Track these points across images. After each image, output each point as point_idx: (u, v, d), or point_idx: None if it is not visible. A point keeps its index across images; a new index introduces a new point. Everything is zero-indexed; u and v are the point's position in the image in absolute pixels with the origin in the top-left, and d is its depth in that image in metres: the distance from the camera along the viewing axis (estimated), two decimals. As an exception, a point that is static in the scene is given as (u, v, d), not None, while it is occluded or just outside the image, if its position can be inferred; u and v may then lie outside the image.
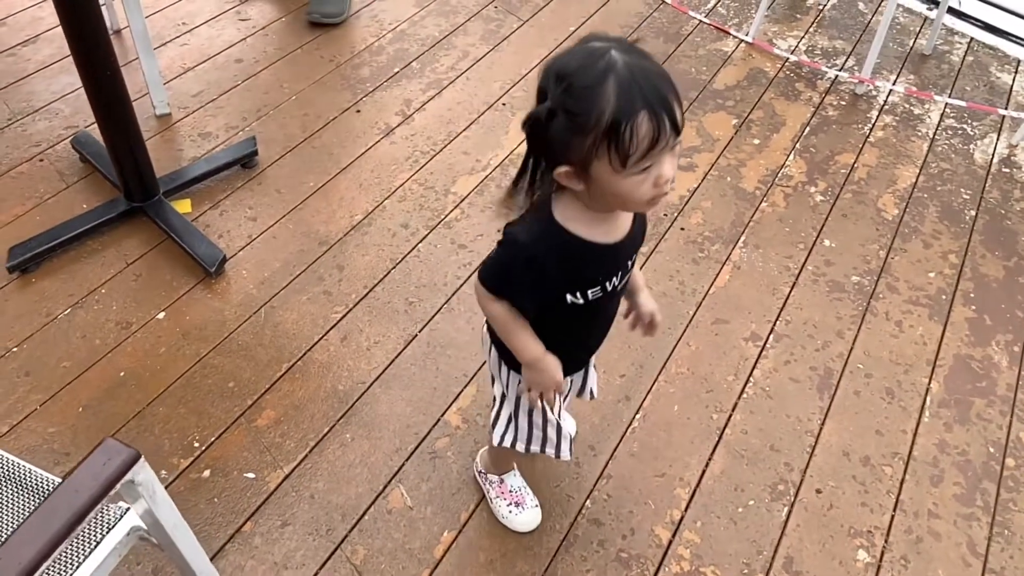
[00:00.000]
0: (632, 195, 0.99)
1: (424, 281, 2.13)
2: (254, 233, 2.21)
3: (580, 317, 1.18)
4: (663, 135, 0.93)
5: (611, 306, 1.25)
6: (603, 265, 1.13)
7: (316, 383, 1.86)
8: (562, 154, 0.98)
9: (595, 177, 0.98)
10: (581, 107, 0.93)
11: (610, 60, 0.93)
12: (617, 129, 0.92)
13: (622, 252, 1.15)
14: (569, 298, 1.13)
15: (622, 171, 0.95)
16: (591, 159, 0.96)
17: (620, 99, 0.91)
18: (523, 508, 1.63)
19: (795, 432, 1.86)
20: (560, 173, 1.01)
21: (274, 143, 2.50)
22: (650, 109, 0.92)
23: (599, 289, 1.14)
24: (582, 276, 1.12)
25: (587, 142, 0.94)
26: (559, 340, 1.23)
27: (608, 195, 1.01)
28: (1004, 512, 1.76)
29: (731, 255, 2.29)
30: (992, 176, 2.64)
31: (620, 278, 1.17)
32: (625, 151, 0.93)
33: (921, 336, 2.10)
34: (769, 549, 1.65)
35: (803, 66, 3.02)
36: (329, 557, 1.57)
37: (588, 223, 1.08)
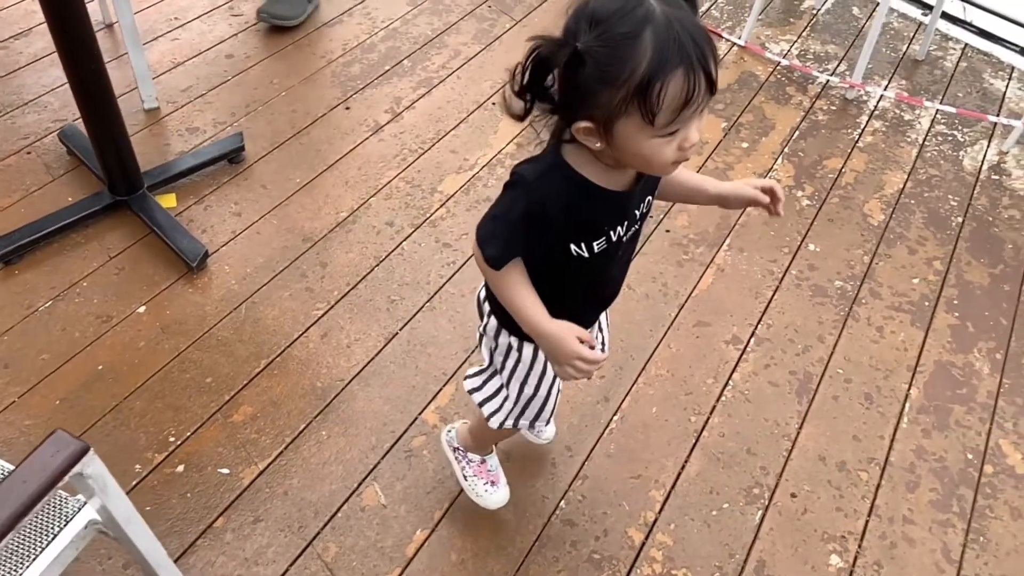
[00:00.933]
0: (655, 157, 0.94)
1: (407, 279, 2.13)
2: (238, 229, 2.21)
3: (585, 274, 1.12)
4: (697, 94, 0.88)
5: (618, 262, 1.18)
6: (611, 212, 1.07)
7: (294, 380, 1.86)
8: (583, 107, 0.91)
9: (617, 135, 0.92)
10: (614, 58, 0.86)
11: (649, 8, 0.86)
12: (651, 85, 0.85)
13: (632, 200, 1.08)
14: (573, 249, 1.06)
15: (650, 131, 0.89)
16: (617, 116, 0.89)
17: (657, 52, 0.85)
18: (497, 487, 1.62)
19: (772, 436, 1.86)
20: (579, 128, 0.94)
21: (262, 139, 2.50)
22: (688, 65, 0.86)
23: (604, 240, 1.08)
24: (588, 222, 1.06)
25: (616, 96, 0.87)
26: (562, 300, 1.15)
27: (628, 155, 0.95)
28: (980, 519, 1.76)
29: (715, 258, 2.29)
30: (981, 183, 2.63)
31: (626, 228, 1.10)
32: (655, 109, 0.87)
33: (902, 342, 2.10)
34: (742, 552, 1.65)
35: (795, 70, 3.02)
36: (300, 554, 1.57)
37: (598, 169, 1.02)
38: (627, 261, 1.23)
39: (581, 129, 0.94)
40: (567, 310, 1.14)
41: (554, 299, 1.13)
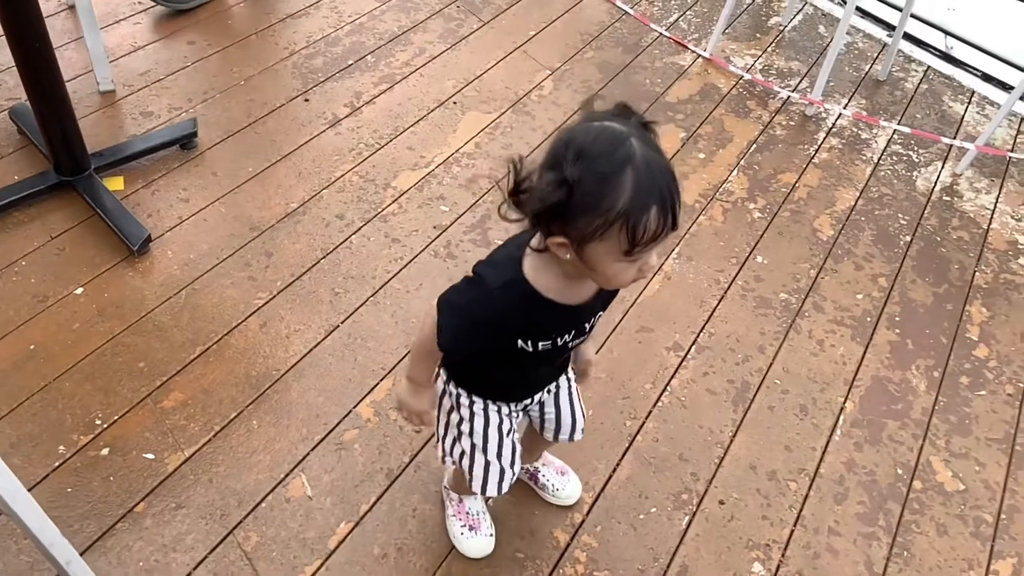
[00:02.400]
0: (617, 277, 1.01)
1: (353, 273, 2.12)
2: (185, 214, 2.19)
3: (527, 362, 1.19)
4: (665, 231, 0.96)
5: (557, 361, 1.28)
6: (562, 323, 1.15)
7: (229, 368, 1.84)
8: (562, 226, 0.98)
9: (587, 255, 0.99)
10: (597, 191, 0.93)
11: (630, 150, 0.93)
12: (628, 222, 0.93)
13: (584, 313, 1.16)
14: (519, 343, 1.15)
15: (619, 256, 0.96)
16: (591, 239, 0.96)
17: (636, 193, 0.92)
18: (476, 533, 1.59)
19: (705, 443, 1.87)
20: (554, 242, 1.00)
21: (216, 126, 2.48)
22: (661, 206, 0.93)
23: (550, 344, 1.16)
24: (539, 330, 1.14)
25: (593, 224, 0.94)
26: (502, 374, 1.27)
27: (594, 272, 1.02)
28: (906, 533, 1.78)
29: (663, 265, 2.30)
30: (932, 204, 2.67)
31: (574, 336, 1.19)
32: (633, 240, 0.94)
33: (842, 356, 2.12)
34: (665, 557, 1.66)
35: (757, 85, 3.05)
36: (220, 542, 1.55)
37: (556, 282, 1.09)
38: (566, 360, 1.34)
39: (556, 243, 1.00)
40: (496, 384, 1.29)
41: (487, 373, 1.27)
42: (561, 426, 1.46)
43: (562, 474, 1.71)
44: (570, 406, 1.45)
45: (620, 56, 3.06)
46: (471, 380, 1.31)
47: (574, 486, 1.71)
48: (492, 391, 1.32)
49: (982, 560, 1.75)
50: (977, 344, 2.21)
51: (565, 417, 1.46)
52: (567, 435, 1.48)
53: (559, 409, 1.45)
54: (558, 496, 1.69)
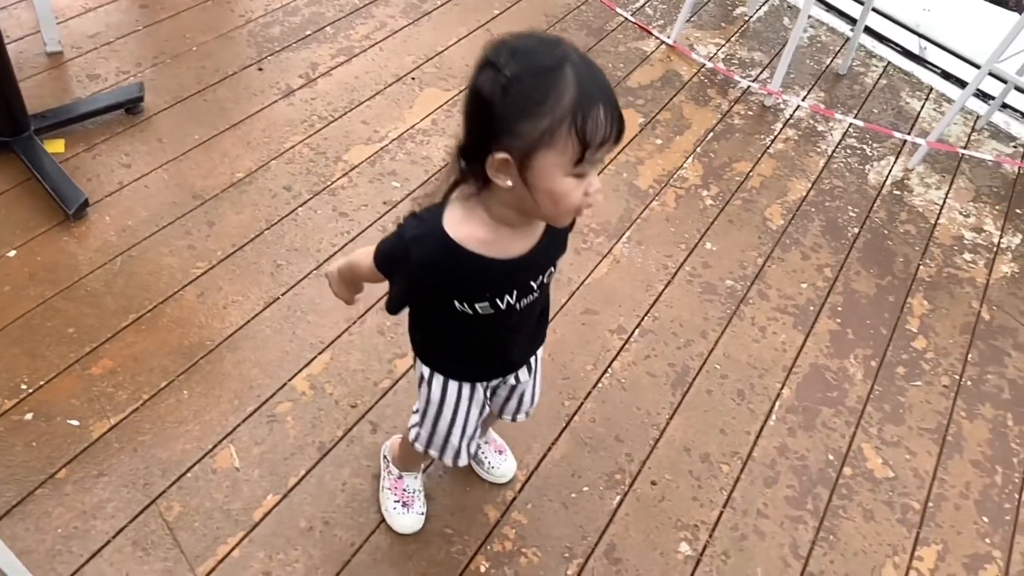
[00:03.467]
0: (564, 198, 0.94)
1: (297, 245, 2.09)
2: (125, 180, 2.14)
3: (475, 326, 1.12)
4: (612, 135, 0.91)
5: (513, 323, 1.16)
6: (496, 281, 1.07)
7: (161, 337, 1.81)
8: (502, 137, 0.91)
9: (534, 170, 0.91)
10: (540, 87, 0.88)
11: (565, 50, 0.90)
12: (578, 115, 0.88)
13: (524, 268, 1.07)
14: (457, 304, 1.09)
15: (568, 166, 0.90)
16: (538, 148, 0.89)
17: (581, 87, 0.88)
18: (408, 510, 1.57)
19: (642, 425, 1.88)
20: (495, 160, 0.92)
21: (165, 92, 2.43)
22: (606, 104, 0.90)
23: (489, 305, 1.08)
24: (465, 288, 1.07)
25: (539, 127, 0.88)
26: (458, 343, 1.20)
27: (540, 195, 0.94)
28: (833, 518, 1.80)
29: (613, 249, 2.30)
30: (882, 197, 2.70)
31: (517, 297, 1.10)
32: (585, 140, 0.89)
33: (782, 343, 2.14)
34: (594, 535, 1.66)
35: (718, 73, 3.06)
36: (142, 511, 1.53)
37: (482, 232, 1.01)
38: (526, 321, 1.21)
39: (497, 162, 0.92)
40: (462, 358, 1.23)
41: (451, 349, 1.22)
42: (520, 406, 1.42)
43: (500, 452, 1.71)
44: (532, 388, 1.40)
45: (584, 39, 3.05)
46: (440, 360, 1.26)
47: (509, 465, 1.70)
48: (460, 369, 1.26)
49: (907, 546, 1.78)
50: (916, 336, 2.25)
51: (526, 397, 1.41)
52: (512, 414, 1.44)
53: (521, 390, 1.39)
54: (492, 473, 1.69)
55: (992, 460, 1.99)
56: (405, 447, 1.51)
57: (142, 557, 1.47)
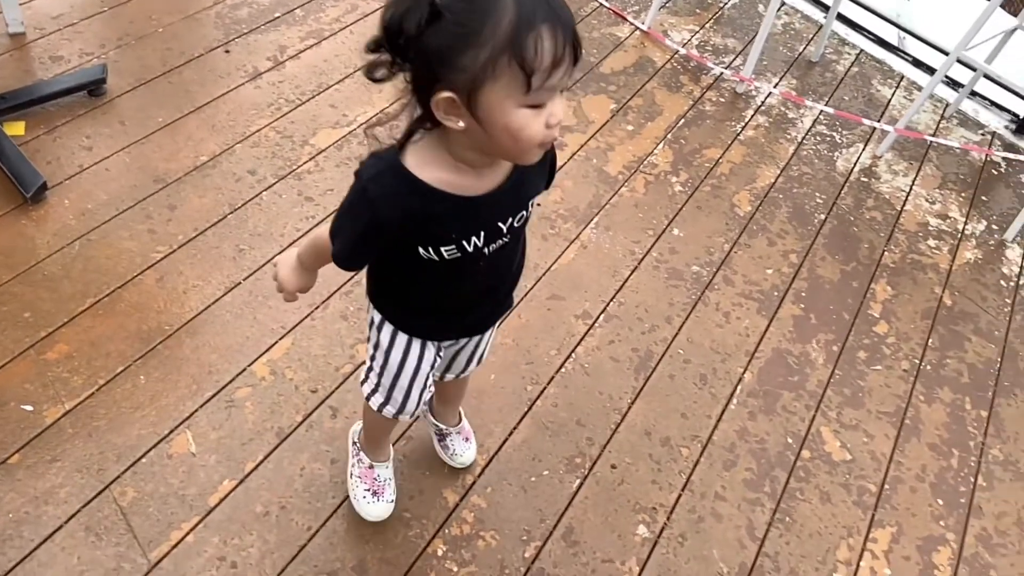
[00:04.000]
0: (523, 132, 0.86)
1: (260, 230, 2.08)
2: (86, 163, 2.12)
3: (442, 275, 1.05)
4: (564, 55, 0.82)
5: (486, 272, 1.10)
6: (459, 219, 0.99)
7: (119, 321, 1.80)
8: (443, 75, 0.83)
9: (483, 105, 0.84)
10: (475, 10, 0.79)
11: None
12: (520, 40, 0.79)
13: (492, 207, 1.00)
14: (422, 252, 1.01)
15: (519, 97, 0.83)
16: (483, 80, 0.82)
17: (521, 6, 0.79)
18: (379, 499, 1.54)
19: (604, 409, 1.89)
20: (439, 100, 0.85)
21: (129, 74, 2.40)
22: (554, 22, 0.81)
23: (455, 248, 1.01)
24: (430, 229, 0.99)
25: (481, 56, 0.80)
26: (424, 295, 1.13)
27: (496, 130, 0.86)
28: (790, 500, 1.82)
29: (581, 235, 2.30)
30: (850, 184, 2.71)
31: (485, 240, 1.03)
32: (530, 67, 0.80)
33: (746, 328, 2.15)
34: (552, 518, 1.67)
35: (691, 60, 3.05)
36: (95, 496, 1.52)
37: (446, 170, 0.95)
38: (498, 274, 1.15)
39: (442, 101, 0.85)
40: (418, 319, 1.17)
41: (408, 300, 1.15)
42: (469, 365, 1.39)
43: (466, 440, 1.70)
44: (481, 352, 1.38)
45: (555, 24, 3.03)
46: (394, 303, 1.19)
47: (473, 451, 1.70)
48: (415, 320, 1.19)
49: (862, 528, 1.80)
50: (878, 321, 2.27)
51: (472, 362, 1.39)
52: (456, 374, 1.42)
53: (471, 354, 1.36)
54: (455, 460, 1.68)
55: (949, 444, 2.01)
56: (366, 422, 1.51)
57: (94, 542, 1.46)
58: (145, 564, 1.45)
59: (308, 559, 1.52)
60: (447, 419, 1.65)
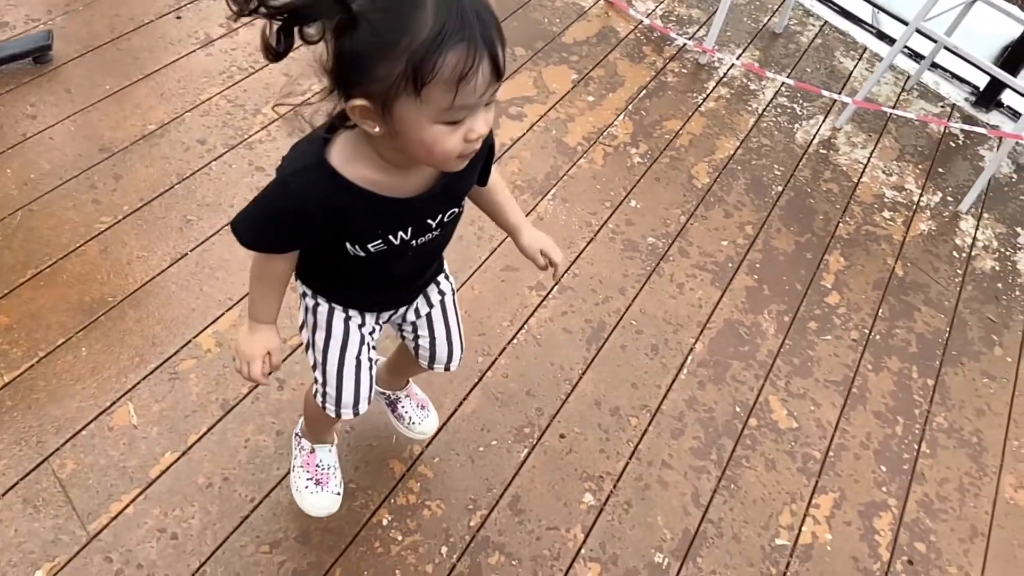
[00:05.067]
0: (436, 146, 0.85)
1: (209, 200, 2.05)
2: (30, 132, 2.07)
3: (369, 265, 1.04)
4: (477, 74, 0.80)
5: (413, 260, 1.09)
6: (385, 218, 0.98)
7: (61, 293, 1.77)
8: (359, 82, 0.81)
9: (397, 117, 0.82)
10: (393, 22, 0.77)
11: None
12: (433, 59, 0.77)
13: (421, 206, 0.99)
14: (348, 247, 0.99)
15: (429, 113, 0.81)
16: (396, 93, 0.80)
17: (439, 22, 0.77)
18: (322, 489, 1.44)
19: (555, 380, 1.90)
20: (354, 108, 0.83)
21: (76, 40, 2.34)
22: (471, 41, 0.79)
23: (382, 243, 1.00)
24: (355, 227, 0.97)
25: (395, 70, 0.78)
26: (347, 280, 1.11)
27: (410, 143, 0.85)
28: (736, 467, 1.84)
29: (537, 206, 2.29)
30: (808, 156, 2.72)
31: (412, 234, 1.01)
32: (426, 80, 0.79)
33: (699, 299, 2.17)
34: (500, 487, 1.68)
35: (655, 31, 3.03)
36: (33, 469, 1.51)
37: (372, 170, 0.92)
38: (428, 257, 1.14)
39: (357, 108, 0.84)
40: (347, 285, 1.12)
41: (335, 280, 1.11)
42: (436, 354, 1.34)
43: (422, 408, 1.65)
44: (446, 333, 1.32)
45: (518, -8, 2.99)
46: (322, 281, 1.16)
47: (431, 422, 1.64)
48: (344, 294, 1.16)
49: (805, 494, 1.83)
50: (830, 292, 2.29)
51: (440, 344, 1.33)
52: (443, 364, 1.36)
53: (433, 335, 1.31)
54: (413, 429, 1.63)
55: (894, 411, 2.04)
56: (306, 408, 1.43)
57: (32, 514, 1.45)
58: (84, 536, 1.45)
59: (251, 529, 1.51)
60: (392, 384, 1.60)
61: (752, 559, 1.70)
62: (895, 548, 1.78)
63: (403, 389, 1.62)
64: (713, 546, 1.70)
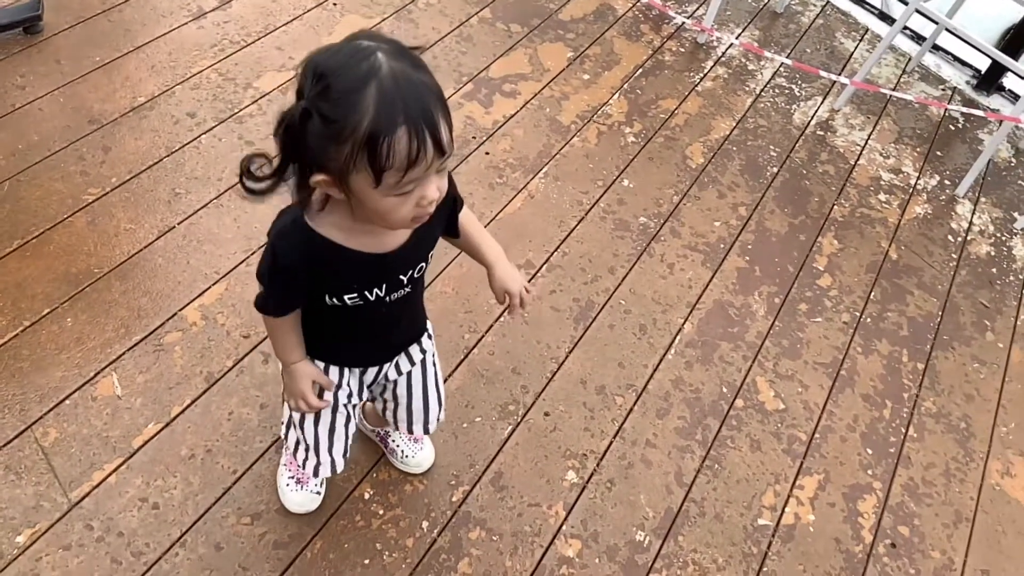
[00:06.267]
0: (391, 214, 0.93)
1: (198, 174, 2.04)
2: (19, 102, 2.06)
3: (344, 317, 1.11)
4: (423, 155, 0.87)
5: (383, 314, 1.14)
6: (360, 274, 1.05)
7: (47, 263, 1.77)
8: (318, 161, 0.89)
9: (354, 191, 0.90)
10: (337, 113, 0.85)
11: (374, 64, 0.85)
12: (374, 144, 0.84)
13: (394, 265, 1.06)
14: (327, 299, 1.07)
15: (384, 189, 0.89)
16: (349, 171, 0.88)
17: (380, 110, 0.84)
18: (303, 488, 1.50)
19: (541, 358, 1.89)
20: (317, 181, 0.91)
21: (67, 11, 2.32)
22: (411, 125, 0.85)
23: (358, 297, 1.07)
24: (333, 281, 1.05)
25: (344, 151, 0.86)
26: (332, 333, 1.18)
27: (367, 210, 0.93)
28: (720, 447, 1.84)
29: (529, 184, 2.28)
30: (805, 137, 2.70)
31: (387, 290, 1.09)
32: (380, 168, 0.86)
33: (689, 280, 2.16)
34: (482, 463, 1.69)
35: (653, 8, 3.00)
36: (16, 436, 1.52)
37: (349, 228, 1.00)
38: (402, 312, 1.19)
39: (320, 181, 0.91)
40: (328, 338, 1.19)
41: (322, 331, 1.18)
42: (413, 414, 1.37)
43: (415, 441, 1.62)
44: (423, 392, 1.35)
45: (516, -32, 2.96)
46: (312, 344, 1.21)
47: (426, 454, 1.62)
48: (327, 347, 1.21)
49: (789, 475, 1.83)
50: (822, 274, 2.27)
51: (416, 404, 1.35)
52: (420, 425, 1.39)
53: (411, 395, 1.34)
54: (407, 463, 1.60)
55: (883, 395, 2.04)
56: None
57: (14, 481, 1.46)
58: (65, 503, 1.45)
59: (232, 501, 1.52)
60: (379, 421, 1.58)
61: (734, 538, 1.70)
62: (878, 531, 1.78)
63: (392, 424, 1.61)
64: (695, 525, 1.70)
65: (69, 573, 1.39)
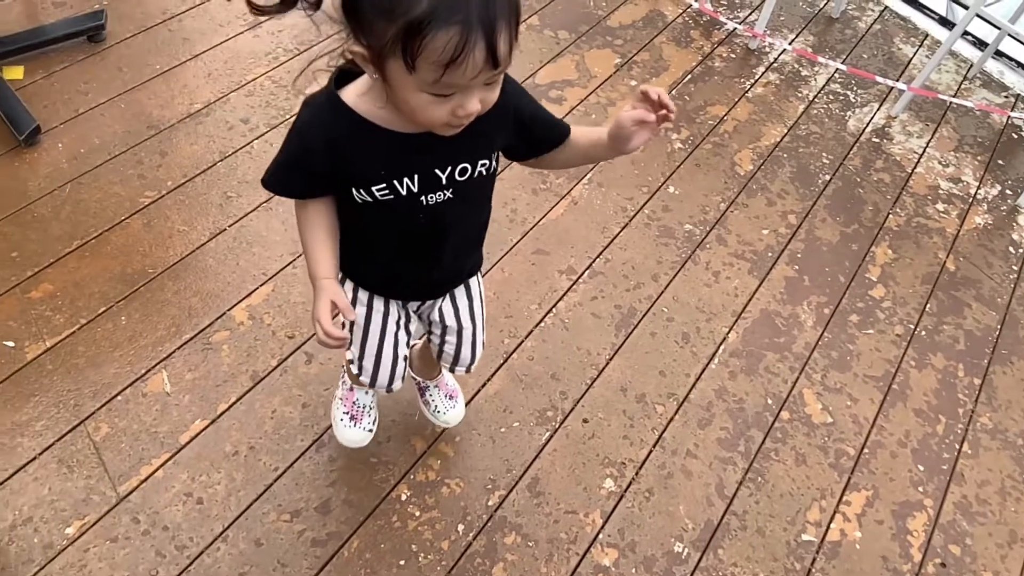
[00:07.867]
0: (420, 113, 0.87)
1: (249, 178, 2.09)
2: (82, 108, 2.15)
3: (384, 224, 1.04)
4: (469, 59, 0.80)
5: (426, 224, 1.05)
6: (389, 155, 0.97)
7: (104, 263, 1.83)
8: (362, 30, 0.84)
9: (388, 74, 0.85)
10: None
11: None
12: (417, 31, 0.77)
13: (417, 149, 0.97)
14: (355, 194, 0.99)
15: (420, 83, 0.83)
16: (388, 54, 0.82)
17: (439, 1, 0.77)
18: (356, 424, 1.53)
19: (581, 364, 1.88)
20: (355, 51, 0.86)
21: (129, 20, 2.41)
22: (467, 25, 0.78)
23: (387, 190, 0.99)
24: (358, 162, 0.97)
25: (388, 31, 0.79)
26: (373, 247, 1.12)
27: (397, 99, 0.88)
28: (763, 460, 1.80)
29: (572, 190, 2.27)
30: (860, 144, 2.63)
31: (420, 187, 1.00)
32: (412, 58, 0.80)
33: (735, 288, 2.12)
34: (519, 469, 1.68)
35: (704, 15, 2.97)
36: (70, 430, 1.57)
37: (379, 108, 0.94)
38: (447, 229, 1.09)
39: (357, 53, 0.86)
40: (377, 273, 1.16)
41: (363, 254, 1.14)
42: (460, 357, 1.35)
43: (450, 398, 1.66)
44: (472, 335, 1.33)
45: (564, -25, 2.96)
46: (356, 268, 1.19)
47: (458, 411, 1.65)
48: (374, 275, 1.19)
49: (836, 491, 1.78)
50: (875, 284, 2.21)
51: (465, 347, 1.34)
52: (464, 367, 1.38)
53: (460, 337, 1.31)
54: (438, 417, 1.65)
55: (936, 410, 1.97)
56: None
57: (66, 474, 1.51)
58: (114, 496, 1.50)
59: (273, 497, 1.55)
60: (424, 373, 1.63)
61: (776, 554, 1.66)
62: (928, 550, 1.72)
63: (434, 379, 1.64)
64: (736, 538, 1.66)
65: (115, 565, 1.43)
